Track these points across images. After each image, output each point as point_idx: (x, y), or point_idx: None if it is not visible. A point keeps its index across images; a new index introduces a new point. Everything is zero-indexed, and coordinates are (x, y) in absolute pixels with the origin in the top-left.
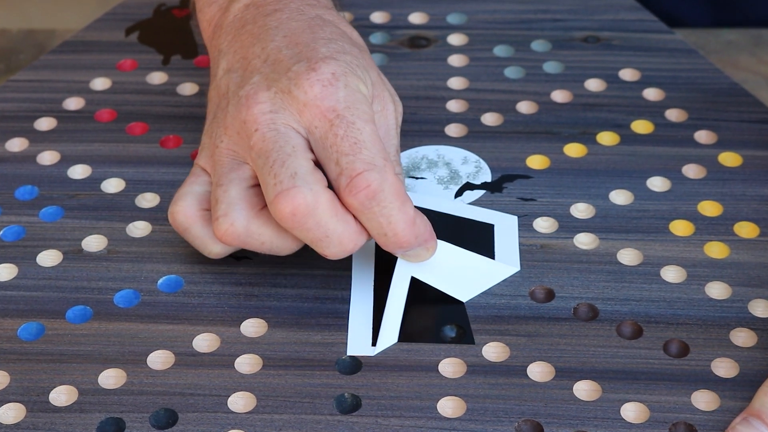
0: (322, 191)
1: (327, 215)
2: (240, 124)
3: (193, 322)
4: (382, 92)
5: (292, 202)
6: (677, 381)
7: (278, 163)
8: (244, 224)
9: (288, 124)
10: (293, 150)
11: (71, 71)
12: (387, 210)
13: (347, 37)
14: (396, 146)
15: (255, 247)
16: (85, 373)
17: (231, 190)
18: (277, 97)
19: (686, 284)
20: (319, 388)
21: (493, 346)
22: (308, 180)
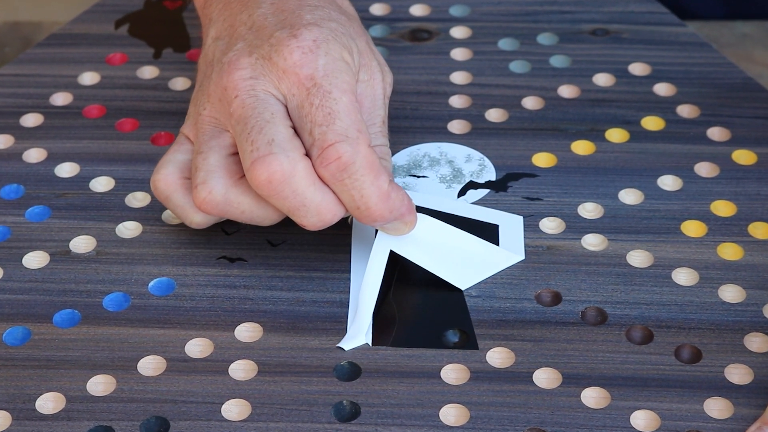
0: (299, 159)
1: (304, 183)
2: (221, 91)
3: (185, 327)
4: (370, 61)
5: (268, 169)
6: (689, 388)
7: (256, 129)
8: (222, 192)
9: (267, 90)
10: (272, 117)
11: (58, 65)
12: (359, 183)
13: (336, 5)
14: (383, 117)
15: (235, 216)
16: (73, 379)
17: (210, 157)
18: (258, 63)
19: (698, 287)
20: (317, 395)
21: (497, 352)
22: (285, 147)
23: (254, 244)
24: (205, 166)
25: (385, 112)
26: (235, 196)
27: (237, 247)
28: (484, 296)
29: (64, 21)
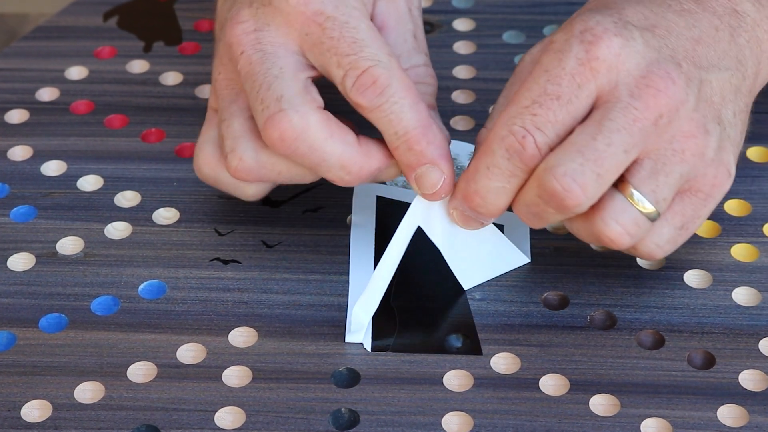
0: (311, 112)
1: (320, 137)
2: (228, 49)
3: (176, 331)
4: None
5: (279, 127)
6: (702, 395)
7: (264, 86)
8: (253, 156)
9: (274, 42)
10: (280, 71)
11: (45, 59)
12: (398, 106)
13: None
14: (413, 30)
15: (273, 178)
16: (60, 386)
17: (234, 123)
18: (260, 12)
19: (712, 290)
20: (314, 402)
21: (502, 357)
22: (295, 102)
23: (249, 246)
24: (230, 133)
25: (415, 24)
26: (267, 157)
27: (231, 248)
28: (489, 299)
29: (51, 13)
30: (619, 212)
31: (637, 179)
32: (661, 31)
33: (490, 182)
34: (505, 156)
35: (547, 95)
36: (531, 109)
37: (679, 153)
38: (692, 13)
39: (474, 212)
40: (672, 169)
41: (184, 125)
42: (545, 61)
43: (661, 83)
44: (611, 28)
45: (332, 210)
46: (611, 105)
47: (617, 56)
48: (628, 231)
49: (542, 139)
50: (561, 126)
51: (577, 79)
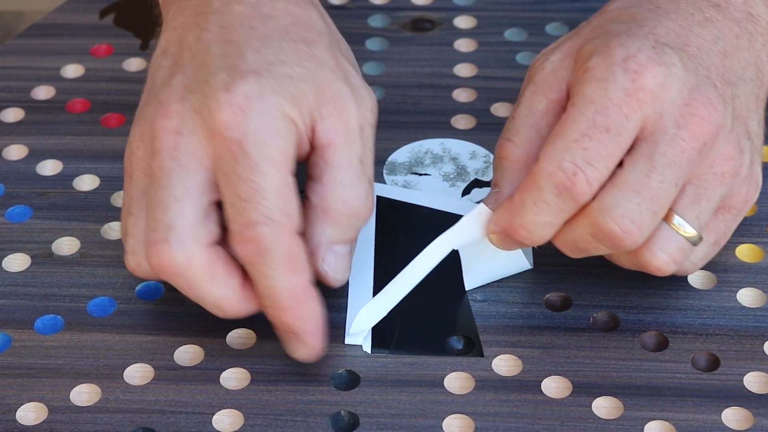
0: (197, 252)
1: (199, 278)
2: (150, 137)
3: (174, 333)
4: (338, 90)
5: (159, 257)
6: (706, 397)
7: (161, 206)
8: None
9: (191, 153)
10: (183, 193)
11: (40, 57)
12: (274, 272)
13: (296, 29)
14: (360, 154)
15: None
16: (56, 388)
17: (140, 222)
18: (188, 116)
19: (716, 291)
20: (313, 405)
21: (504, 359)
22: (184, 236)
23: None
24: (134, 233)
25: (364, 147)
26: None
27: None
28: (490, 300)
29: (47, 10)
30: (666, 242)
31: (681, 207)
32: (693, 49)
33: (537, 217)
34: (553, 192)
35: (596, 127)
36: (581, 142)
37: (719, 176)
38: (714, 22)
39: (517, 242)
40: (713, 193)
41: None
42: (588, 91)
43: (704, 111)
44: (653, 56)
45: None
46: (659, 137)
47: (662, 85)
48: (674, 259)
49: (593, 174)
50: (611, 159)
51: (624, 110)
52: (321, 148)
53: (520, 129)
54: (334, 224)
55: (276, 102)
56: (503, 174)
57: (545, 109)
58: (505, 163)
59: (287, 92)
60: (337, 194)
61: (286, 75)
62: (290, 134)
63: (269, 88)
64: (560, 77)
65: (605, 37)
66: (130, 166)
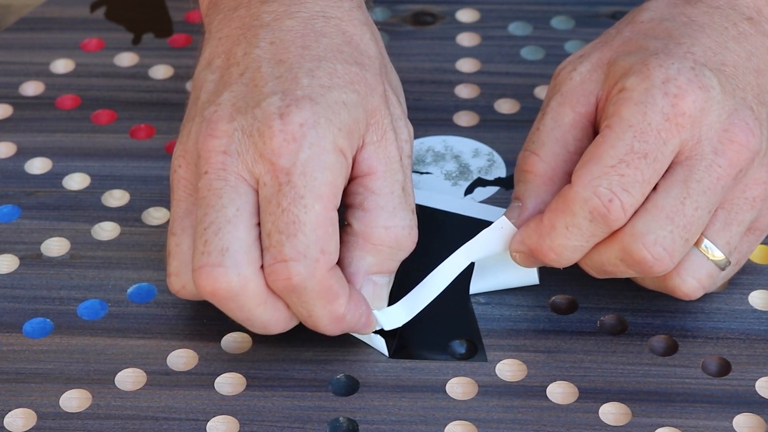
0: (251, 277)
1: (252, 303)
2: (196, 157)
3: (167, 337)
4: (382, 119)
5: (214, 283)
6: (717, 403)
7: (213, 228)
8: (195, 288)
9: (240, 174)
10: (235, 215)
11: (29, 52)
12: (309, 305)
13: (348, 49)
14: (401, 182)
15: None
16: (45, 394)
17: (183, 243)
18: (236, 137)
19: (727, 293)
20: (311, 411)
21: (508, 364)
22: (239, 261)
23: None
24: (178, 254)
25: (405, 174)
26: None
27: None
28: (494, 303)
29: (36, 3)
30: (696, 268)
31: (712, 232)
32: (730, 69)
33: (568, 242)
34: (587, 218)
35: (634, 153)
36: (618, 169)
37: (750, 201)
38: (748, 37)
39: (543, 264)
40: (744, 218)
41: (174, 121)
42: (627, 114)
43: (743, 137)
44: (693, 78)
45: None
46: (695, 163)
47: (701, 110)
48: (702, 285)
49: (629, 200)
50: (647, 185)
51: (663, 135)
52: (362, 176)
53: (546, 142)
54: (375, 252)
55: (330, 133)
56: (527, 188)
57: (572, 122)
58: (530, 177)
59: (341, 122)
60: (380, 221)
61: (341, 102)
62: (340, 167)
63: (324, 118)
64: (589, 90)
65: (641, 54)
66: (173, 184)
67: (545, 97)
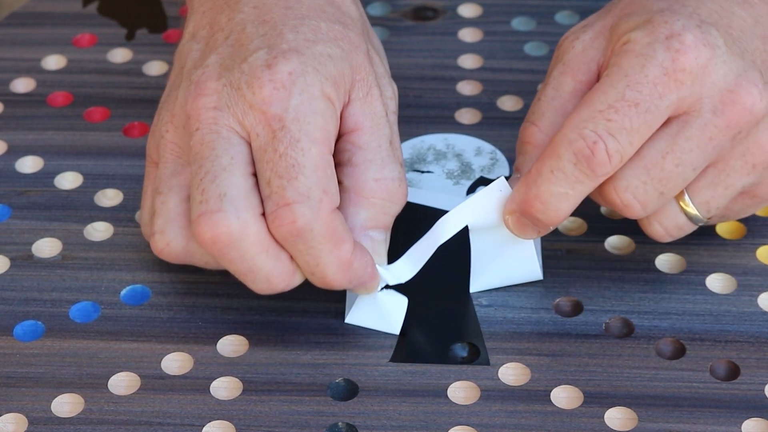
0: (251, 221)
1: (254, 249)
2: (185, 118)
3: (161, 340)
4: (367, 75)
5: (214, 228)
6: (726, 408)
7: (209, 176)
8: (182, 244)
9: (231, 126)
10: (230, 162)
11: (20, 48)
12: (315, 251)
13: (331, 9)
14: (389, 136)
15: (200, 265)
16: (36, 398)
17: (170, 201)
18: (225, 91)
19: (736, 295)
20: (309, 416)
21: (511, 368)
22: (238, 205)
23: None
24: (164, 211)
25: (391, 129)
26: (198, 248)
27: None
28: (497, 305)
29: None
30: (668, 217)
31: (696, 187)
32: (737, 32)
33: (553, 187)
34: (572, 160)
35: (624, 101)
36: (606, 113)
37: (749, 166)
38: (753, 5)
39: (532, 218)
40: (735, 181)
41: None
42: (625, 64)
43: (748, 99)
44: (699, 35)
45: None
46: (690, 119)
47: (704, 68)
48: (669, 233)
49: (614, 146)
50: (636, 134)
51: (659, 89)
52: (349, 132)
53: (546, 112)
54: (368, 206)
55: (318, 81)
56: (526, 159)
57: (572, 91)
58: (529, 148)
59: (328, 72)
60: (369, 174)
61: (327, 54)
62: (331, 114)
63: (311, 67)
64: (590, 57)
65: (646, 13)
66: (156, 151)
67: (548, 69)
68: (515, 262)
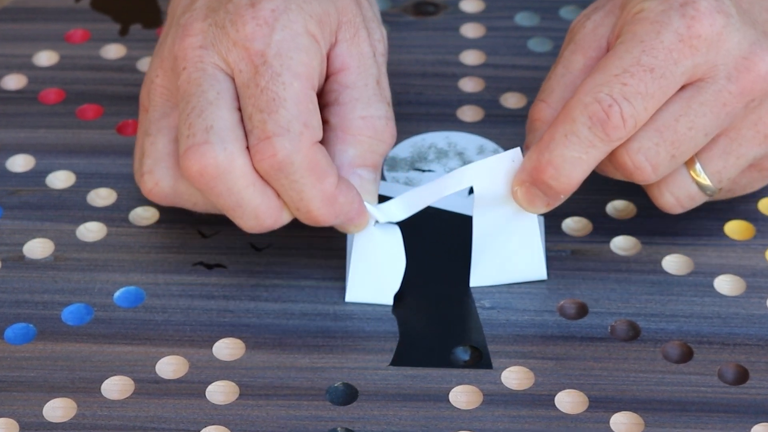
0: (238, 153)
1: (241, 182)
2: (172, 60)
3: (156, 343)
4: (354, 17)
5: (200, 161)
6: (734, 413)
7: (196, 111)
8: (170, 184)
9: (217, 64)
10: (216, 97)
11: (11, 44)
12: (298, 185)
13: None
14: (376, 76)
15: (189, 207)
16: (28, 403)
17: (159, 141)
18: (210, 31)
19: (745, 297)
20: (307, 421)
21: (514, 371)
22: (224, 137)
23: (235, 249)
24: (153, 152)
25: (379, 70)
26: (186, 187)
27: (216, 251)
28: (499, 308)
29: None
30: (679, 186)
31: (707, 156)
32: (746, 4)
33: (567, 151)
34: (586, 124)
35: (640, 66)
36: (621, 78)
37: (761, 136)
38: None
39: (544, 186)
40: (747, 151)
41: None
42: (640, 31)
43: (763, 66)
44: (713, 3)
45: None
46: (705, 85)
47: (719, 35)
48: (681, 204)
49: (629, 110)
50: (650, 100)
51: (674, 55)
52: (335, 72)
53: (555, 89)
54: (355, 144)
55: (301, 18)
56: (536, 137)
57: (583, 67)
58: (538, 125)
59: (312, 10)
60: (356, 112)
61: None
62: (315, 52)
63: (294, 4)
64: (600, 35)
65: None
66: (147, 97)
67: (560, 49)
68: (519, 256)
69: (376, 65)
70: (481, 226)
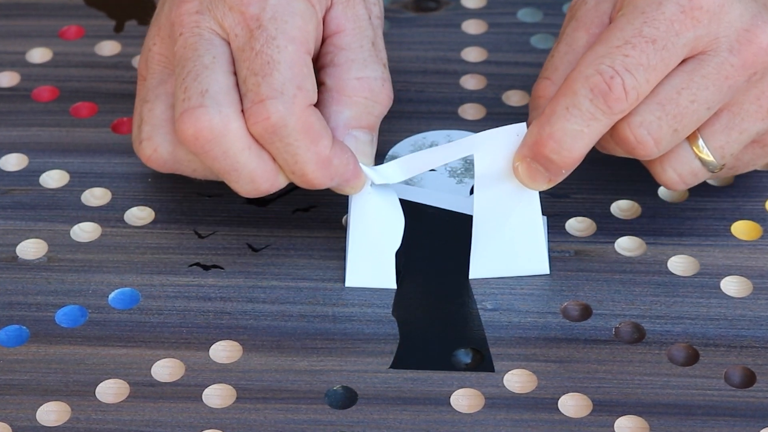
0: (233, 116)
1: (236, 146)
2: (169, 26)
3: (151, 346)
4: None
5: (196, 124)
6: (741, 416)
7: (192, 75)
8: (169, 150)
9: (212, 28)
10: (212, 61)
11: (3, 40)
12: (292, 148)
13: None
14: (372, 38)
15: (188, 174)
16: (21, 407)
17: (156, 108)
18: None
19: (752, 299)
20: (306, 425)
21: (516, 374)
22: (220, 100)
23: (232, 249)
24: (151, 118)
25: (375, 32)
26: (184, 154)
27: (212, 252)
28: (502, 309)
29: None
30: (682, 162)
31: (710, 131)
32: None
33: (568, 124)
34: (588, 96)
35: (642, 37)
36: (623, 49)
37: (764, 111)
38: None
39: (545, 160)
40: (749, 126)
41: None
42: (641, 2)
43: (765, 39)
44: None
45: (325, 209)
46: (707, 58)
47: (721, 7)
48: (684, 180)
49: (631, 82)
50: (652, 72)
51: (676, 26)
52: (331, 35)
53: (559, 66)
54: (351, 105)
55: None
56: (539, 114)
57: (586, 44)
58: (541, 102)
59: None
60: (351, 73)
61: None
62: (310, 15)
63: None
64: (603, 11)
65: None
66: (145, 66)
67: (561, 27)
68: (521, 244)
69: (372, 27)
70: (482, 209)
